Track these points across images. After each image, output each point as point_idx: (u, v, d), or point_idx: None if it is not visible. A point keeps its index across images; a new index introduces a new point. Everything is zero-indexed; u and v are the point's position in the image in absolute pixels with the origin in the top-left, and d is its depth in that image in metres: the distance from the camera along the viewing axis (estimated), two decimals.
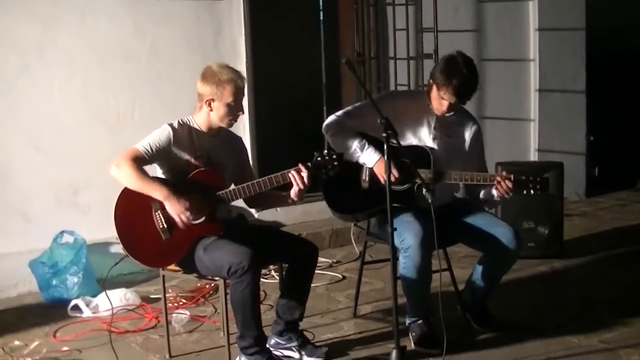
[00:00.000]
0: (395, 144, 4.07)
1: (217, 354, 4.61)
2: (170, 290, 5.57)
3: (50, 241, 5.77)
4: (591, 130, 8.73)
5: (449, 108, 4.56)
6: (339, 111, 4.76)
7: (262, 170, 6.34)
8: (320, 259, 4.82)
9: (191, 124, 4.33)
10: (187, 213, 4.07)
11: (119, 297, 5.40)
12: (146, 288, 5.85)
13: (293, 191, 4.24)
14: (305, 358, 4.48)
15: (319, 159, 4.24)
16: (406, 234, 4.36)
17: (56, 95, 5.97)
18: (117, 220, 4.11)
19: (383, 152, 4.51)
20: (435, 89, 4.53)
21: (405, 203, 4.54)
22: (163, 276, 4.53)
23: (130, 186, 4.10)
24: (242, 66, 6.58)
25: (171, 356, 4.62)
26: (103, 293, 5.26)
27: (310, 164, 4.24)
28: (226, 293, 4.20)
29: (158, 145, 4.19)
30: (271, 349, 4.39)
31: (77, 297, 5.45)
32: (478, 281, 4.74)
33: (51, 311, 5.46)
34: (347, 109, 4.77)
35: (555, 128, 8.39)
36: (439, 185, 4.52)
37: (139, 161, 4.12)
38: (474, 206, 4.78)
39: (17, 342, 4.91)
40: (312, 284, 4.58)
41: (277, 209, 4.42)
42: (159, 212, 4.12)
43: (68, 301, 5.44)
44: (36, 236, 5.84)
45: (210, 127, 4.32)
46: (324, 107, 7.71)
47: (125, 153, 4.13)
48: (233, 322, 4.23)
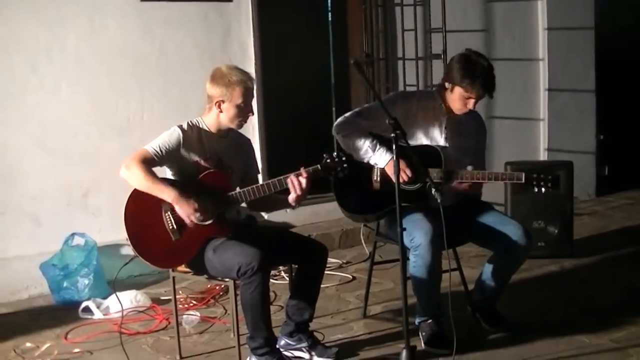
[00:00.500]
0: (404, 144, 4.07)
1: (228, 355, 4.63)
2: (180, 291, 5.58)
3: (61, 243, 5.79)
4: (601, 129, 8.71)
5: (475, 105, 4.58)
6: (349, 112, 4.76)
7: (272, 171, 6.36)
8: (330, 260, 4.83)
9: (201, 126, 4.34)
10: (197, 214, 4.08)
11: (130, 299, 5.41)
12: (157, 289, 5.86)
13: (291, 197, 4.24)
14: (315, 358, 4.48)
15: (329, 161, 4.24)
16: (416, 233, 4.36)
17: (65, 97, 5.98)
18: (127, 221, 4.13)
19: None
20: (457, 91, 4.54)
21: (416, 203, 4.54)
22: (173, 278, 4.53)
23: (139, 187, 4.11)
24: (251, 68, 6.59)
25: (182, 357, 4.62)
26: (114, 295, 5.29)
27: (318, 166, 4.24)
28: (236, 294, 4.20)
29: (167, 147, 4.20)
30: (281, 350, 4.40)
31: (88, 299, 5.46)
32: (488, 280, 4.74)
33: (62, 313, 5.48)
34: (358, 110, 4.77)
35: (564, 127, 8.37)
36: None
37: (148, 163, 4.14)
38: (484, 204, 4.78)
39: (29, 344, 4.93)
40: (322, 285, 4.58)
41: (287, 210, 4.42)
42: (169, 213, 4.14)
43: (79, 303, 5.45)
44: (47, 239, 5.87)
45: (219, 129, 4.33)
46: (333, 108, 7.71)
47: (134, 154, 4.14)
48: (243, 323, 4.23)
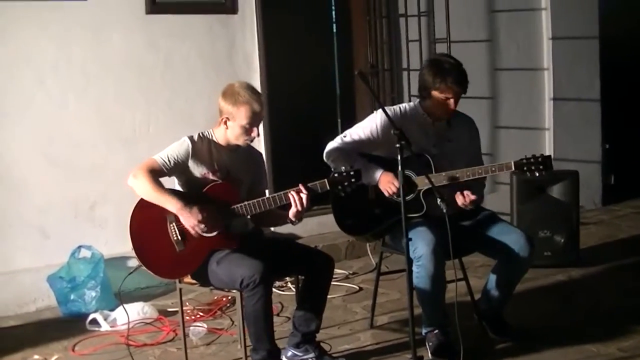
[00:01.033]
0: (409, 154, 4.07)
1: None
2: (187, 303, 5.58)
3: (67, 256, 5.80)
4: (606, 138, 8.68)
5: (456, 103, 4.59)
6: (337, 137, 4.77)
7: (276, 182, 6.37)
8: (336, 271, 4.83)
9: (211, 138, 4.36)
10: (201, 225, 4.09)
11: (137, 311, 5.42)
12: (163, 301, 5.87)
13: (291, 212, 4.24)
14: None
15: (336, 175, 4.25)
16: (418, 243, 4.36)
17: (72, 110, 6.01)
18: (132, 231, 4.15)
19: (384, 167, 4.56)
20: (434, 96, 4.57)
21: (416, 212, 4.55)
22: (180, 289, 4.54)
23: (145, 197, 4.13)
24: (257, 79, 6.61)
25: None
26: (121, 307, 5.30)
27: (325, 180, 4.24)
28: (242, 305, 4.20)
29: (176, 158, 4.22)
30: None
31: (95, 311, 5.47)
32: (493, 290, 4.74)
33: (69, 325, 5.48)
34: (345, 133, 4.77)
35: (570, 136, 8.36)
36: (450, 193, 4.53)
37: (156, 173, 4.16)
38: (488, 213, 4.78)
39: (37, 357, 4.94)
40: (329, 295, 4.59)
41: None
42: (174, 224, 4.15)
43: (86, 315, 5.47)
44: (54, 251, 5.88)
45: (228, 143, 4.35)
46: (338, 120, 7.72)
47: (143, 164, 4.18)
48: None
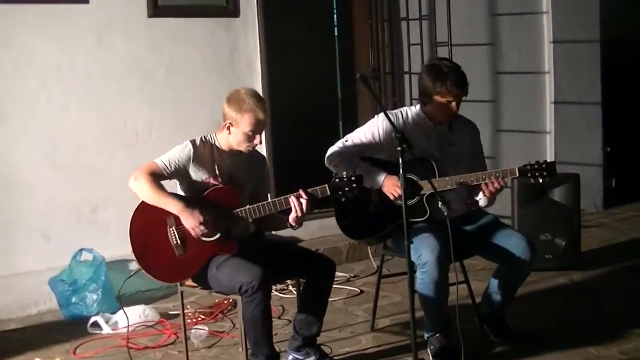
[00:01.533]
0: (411, 158, 4.08)
1: None
2: (189, 306, 5.59)
3: (69, 259, 5.81)
4: (608, 141, 8.70)
5: (458, 106, 4.59)
6: (338, 141, 4.78)
7: (279, 186, 6.37)
8: (338, 274, 4.84)
9: (214, 142, 4.36)
10: (202, 227, 4.10)
11: (138, 314, 5.43)
12: (165, 304, 5.88)
13: (292, 217, 4.24)
14: None
15: (338, 181, 4.25)
16: (423, 250, 4.36)
17: (74, 114, 6.02)
18: (133, 234, 4.17)
19: (388, 171, 4.56)
20: (436, 100, 4.57)
21: (419, 217, 4.56)
22: (182, 293, 4.55)
23: (146, 200, 4.15)
24: (259, 83, 6.63)
25: None
26: (122, 310, 5.31)
27: (327, 186, 4.24)
28: (243, 308, 4.22)
29: (177, 162, 4.24)
30: None
31: (97, 315, 5.48)
32: (495, 293, 4.74)
33: (71, 328, 5.49)
34: (346, 137, 4.77)
35: (571, 140, 8.37)
36: (453, 197, 4.54)
37: (157, 176, 4.18)
38: (489, 217, 4.78)
39: None
40: (331, 299, 4.59)
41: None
42: (174, 228, 4.16)
43: (88, 318, 5.48)
44: (56, 254, 5.89)
45: (231, 148, 4.36)
46: (340, 123, 7.73)
47: (144, 167, 4.19)
48: None
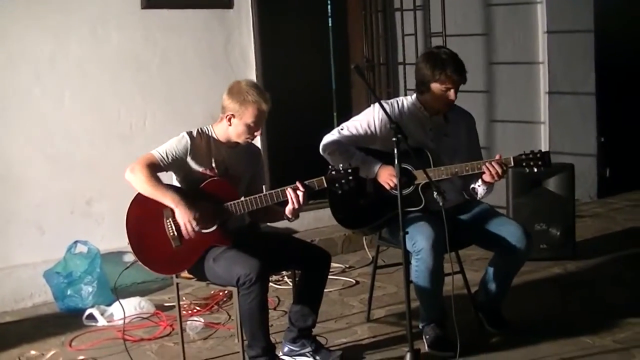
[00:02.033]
0: (406, 147, 4.08)
1: None
2: (184, 298, 5.59)
3: (64, 251, 5.80)
4: (602, 131, 8.72)
5: (456, 94, 4.59)
6: (333, 129, 4.77)
7: (273, 176, 6.37)
8: (333, 265, 4.83)
9: (210, 134, 4.35)
10: (194, 222, 4.09)
11: (134, 306, 5.43)
12: (160, 296, 5.88)
13: (288, 209, 4.25)
14: None
15: (334, 173, 4.24)
16: (417, 237, 4.37)
17: (68, 106, 6.00)
18: (129, 225, 4.15)
19: (383, 161, 4.56)
20: (434, 88, 4.57)
21: (414, 206, 4.56)
22: (177, 284, 4.55)
23: (142, 191, 4.13)
24: (252, 74, 6.63)
25: None
26: (118, 302, 5.30)
27: (323, 178, 4.24)
28: (239, 300, 4.22)
29: (174, 153, 4.23)
30: (285, 357, 4.43)
31: (92, 307, 5.48)
32: (490, 282, 4.75)
33: (66, 321, 5.49)
34: (341, 126, 4.76)
35: (565, 130, 8.39)
36: (448, 187, 4.54)
37: (153, 168, 4.16)
38: (484, 206, 4.78)
39: (34, 352, 4.95)
40: (326, 289, 4.59)
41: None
42: (170, 220, 4.15)
43: (83, 310, 5.47)
44: (50, 246, 5.88)
45: (228, 140, 4.35)
46: (334, 114, 7.73)
47: (141, 158, 4.18)
48: None
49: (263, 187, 4.56)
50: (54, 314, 5.70)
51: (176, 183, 4.34)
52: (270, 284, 4.47)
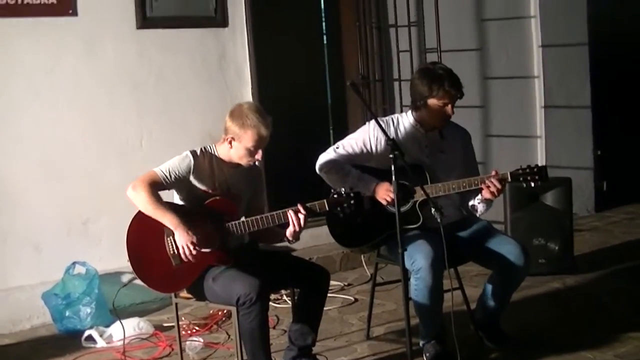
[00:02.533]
0: (403, 164, 4.07)
1: None
2: (183, 318, 5.56)
3: (62, 272, 5.77)
4: (598, 144, 8.72)
5: (453, 108, 4.59)
6: (329, 148, 4.77)
7: (270, 192, 6.33)
8: (331, 282, 4.82)
9: (213, 153, 4.35)
10: (192, 247, 4.07)
11: (133, 326, 5.39)
12: (159, 316, 5.85)
13: (289, 231, 4.24)
14: None
15: (336, 196, 4.24)
16: (416, 256, 4.36)
17: (65, 125, 5.99)
18: (129, 242, 4.14)
19: (379, 178, 4.55)
20: (431, 103, 4.57)
21: (412, 223, 4.55)
22: (176, 304, 4.53)
23: (143, 210, 4.12)
24: (248, 91, 6.63)
25: None
26: (116, 323, 5.28)
27: (324, 201, 4.23)
28: (238, 320, 4.19)
29: (177, 172, 4.22)
30: None
31: (91, 328, 5.45)
32: (489, 299, 4.74)
33: (65, 342, 5.46)
34: (337, 144, 4.77)
35: (562, 144, 8.39)
36: (445, 203, 4.53)
37: (156, 186, 4.15)
38: (482, 223, 4.78)
39: None
40: (325, 307, 4.58)
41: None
42: (171, 238, 4.14)
43: (82, 332, 5.44)
44: (48, 268, 5.85)
45: (230, 160, 4.34)
46: (331, 130, 7.73)
47: (143, 177, 4.16)
48: None
49: (265, 208, 4.54)
50: (53, 336, 5.67)
51: (178, 200, 4.33)
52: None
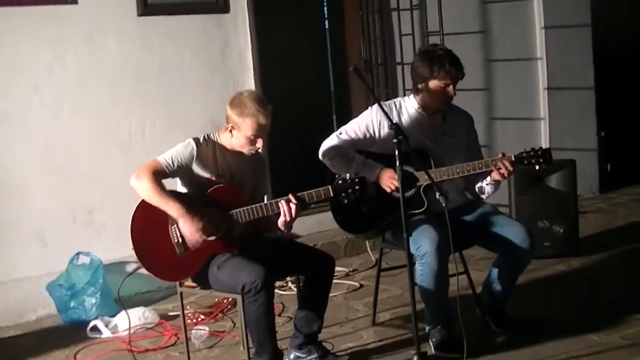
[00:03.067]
0: (406, 149, 4.06)
1: None
2: (188, 306, 5.56)
3: (66, 263, 5.77)
4: (602, 126, 8.69)
5: (455, 89, 4.57)
6: (332, 134, 4.74)
7: (273, 181, 6.33)
8: (336, 268, 4.81)
9: (216, 141, 4.34)
10: (199, 233, 4.07)
11: (138, 316, 5.40)
12: (164, 306, 5.85)
13: (280, 221, 4.22)
14: None
15: (340, 182, 4.22)
16: (421, 241, 4.35)
17: (67, 116, 5.98)
18: (134, 231, 4.13)
19: (383, 163, 4.53)
20: (433, 85, 4.55)
21: (416, 208, 4.54)
22: (181, 293, 4.53)
23: (147, 199, 4.11)
24: (250, 78, 6.62)
25: None
26: (121, 313, 5.29)
27: (329, 187, 4.21)
28: (244, 307, 4.19)
29: (180, 160, 4.20)
30: None
31: (96, 318, 5.45)
32: (495, 283, 4.73)
33: (71, 333, 5.46)
34: (340, 130, 4.75)
35: (565, 126, 8.36)
36: (450, 187, 4.52)
37: (159, 175, 4.14)
38: (487, 207, 4.76)
39: None
40: (330, 294, 4.57)
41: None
42: (175, 226, 4.13)
43: (87, 322, 5.44)
44: (52, 259, 5.86)
45: (233, 148, 4.33)
46: (334, 116, 7.71)
47: (146, 165, 4.15)
48: None
49: (265, 197, 4.53)
50: (58, 327, 5.67)
51: (181, 188, 4.32)
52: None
